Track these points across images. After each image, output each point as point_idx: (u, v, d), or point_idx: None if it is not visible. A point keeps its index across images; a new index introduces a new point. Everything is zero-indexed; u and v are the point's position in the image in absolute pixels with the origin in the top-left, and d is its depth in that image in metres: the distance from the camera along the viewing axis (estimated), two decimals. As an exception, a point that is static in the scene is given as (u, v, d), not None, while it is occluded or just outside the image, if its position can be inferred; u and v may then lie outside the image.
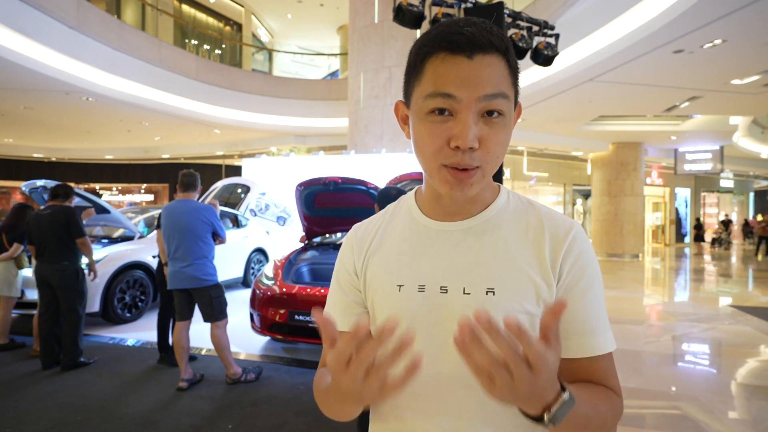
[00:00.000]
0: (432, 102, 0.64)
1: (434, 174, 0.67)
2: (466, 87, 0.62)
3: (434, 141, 0.64)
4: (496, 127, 0.64)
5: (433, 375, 0.70)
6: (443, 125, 0.64)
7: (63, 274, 3.83)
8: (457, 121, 0.63)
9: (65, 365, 3.79)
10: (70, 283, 3.85)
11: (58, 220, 3.83)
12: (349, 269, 0.81)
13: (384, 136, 6.77)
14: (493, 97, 0.62)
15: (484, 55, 0.62)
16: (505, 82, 0.64)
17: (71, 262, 3.88)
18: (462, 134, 0.62)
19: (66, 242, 3.85)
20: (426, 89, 0.65)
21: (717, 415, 3.08)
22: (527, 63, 4.35)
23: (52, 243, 3.81)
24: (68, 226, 3.84)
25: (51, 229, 3.81)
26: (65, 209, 3.90)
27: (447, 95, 0.62)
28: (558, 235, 0.70)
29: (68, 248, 3.86)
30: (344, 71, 14.89)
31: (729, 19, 5.05)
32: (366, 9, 6.89)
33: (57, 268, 3.82)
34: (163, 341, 3.97)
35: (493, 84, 0.62)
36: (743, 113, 10.25)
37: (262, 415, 2.98)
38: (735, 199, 24.60)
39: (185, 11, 14.46)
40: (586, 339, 0.69)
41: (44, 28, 6.74)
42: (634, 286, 8.71)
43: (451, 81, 0.62)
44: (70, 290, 3.86)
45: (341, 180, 4.08)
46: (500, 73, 0.64)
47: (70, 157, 17.55)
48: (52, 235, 3.81)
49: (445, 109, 0.63)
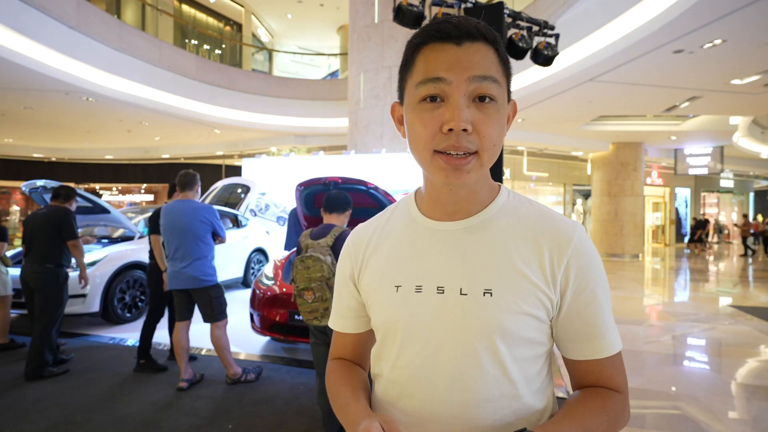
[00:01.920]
0: (423, 89, 0.64)
1: (429, 163, 0.67)
2: (455, 69, 0.63)
3: (427, 128, 0.65)
4: (488, 112, 0.64)
5: (429, 375, 0.70)
6: (435, 112, 0.64)
7: (42, 277, 3.65)
8: (449, 105, 0.63)
9: (27, 374, 3.55)
10: (47, 287, 3.65)
11: (50, 220, 3.70)
12: (346, 274, 0.83)
13: (384, 136, 6.77)
14: (482, 79, 0.63)
15: (473, 42, 0.64)
16: (495, 69, 0.65)
17: (55, 265, 3.69)
18: (454, 116, 0.62)
19: (55, 243, 3.69)
20: (417, 78, 0.66)
21: (717, 415, 3.07)
22: (527, 63, 4.35)
23: (41, 243, 3.67)
24: (60, 227, 3.69)
25: (42, 229, 3.68)
26: (60, 210, 3.76)
27: (437, 79, 0.63)
28: (560, 242, 0.69)
29: (56, 250, 3.70)
30: (344, 71, 14.89)
31: (729, 19, 5.05)
32: (366, 9, 6.88)
33: (38, 270, 3.65)
34: (145, 347, 3.79)
35: (482, 67, 0.63)
36: (743, 113, 10.24)
37: (262, 415, 2.98)
38: (735, 199, 24.59)
39: (185, 11, 14.46)
40: (594, 342, 0.69)
41: (44, 28, 6.74)
42: (634, 286, 8.71)
43: (441, 66, 0.63)
44: (46, 294, 3.66)
45: (341, 180, 4.08)
46: (490, 60, 0.65)
47: (70, 157, 17.56)
48: (41, 234, 3.67)
49: (436, 96, 0.64)
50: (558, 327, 0.71)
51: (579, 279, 0.69)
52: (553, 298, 0.69)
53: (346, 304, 0.84)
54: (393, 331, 0.74)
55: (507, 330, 0.67)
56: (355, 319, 0.84)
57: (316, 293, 2.39)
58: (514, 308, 0.67)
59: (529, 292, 0.68)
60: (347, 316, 0.84)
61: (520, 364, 0.69)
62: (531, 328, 0.69)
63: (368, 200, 4.22)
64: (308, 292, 2.41)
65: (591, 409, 0.68)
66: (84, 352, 4.15)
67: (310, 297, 2.41)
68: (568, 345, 0.72)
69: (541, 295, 0.68)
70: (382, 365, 0.77)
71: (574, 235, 0.70)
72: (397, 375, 0.74)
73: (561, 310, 0.70)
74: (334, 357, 0.89)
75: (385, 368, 0.76)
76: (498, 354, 0.67)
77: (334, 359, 0.88)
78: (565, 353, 0.73)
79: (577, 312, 0.69)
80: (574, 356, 0.71)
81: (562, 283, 0.68)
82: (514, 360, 0.68)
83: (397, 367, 0.74)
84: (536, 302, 0.68)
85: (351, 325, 0.84)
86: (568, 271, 0.68)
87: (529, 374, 0.70)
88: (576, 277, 0.68)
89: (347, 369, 0.85)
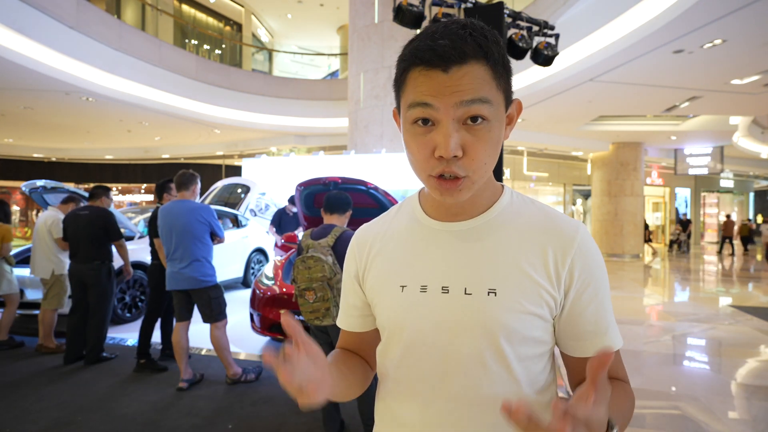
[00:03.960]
0: (414, 111, 0.65)
1: (425, 182, 0.69)
2: (441, 96, 0.62)
3: (420, 152, 0.65)
4: (479, 134, 0.63)
5: (434, 375, 0.71)
6: (426, 136, 0.64)
7: (96, 273, 4.00)
8: (438, 130, 0.63)
9: (89, 359, 3.95)
10: (102, 282, 4.02)
11: (95, 222, 3.99)
12: (351, 274, 0.85)
13: (384, 136, 6.76)
14: (471, 103, 0.62)
15: (460, 66, 0.62)
16: (486, 87, 0.63)
17: (103, 261, 4.05)
18: (443, 143, 0.62)
19: (102, 243, 4.03)
20: (408, 99, 0.66)
21: (717, 415, 3.08)
22: (527, 63, 4.34)
23: (87, 243, 3.97)
24: (106, 228, 4.02)
25: (87, 230, 3.97)
26: (103, 212, 4.07)
27: (425, 104, 0.63)
28: (563, 240, 0.70)
29: (103, 249, 4.04)
30: (344, 71, 14.89)
31: (729, 19, 5.05)
32: (366, 9, 6.88)
33: (91, 267, 3.98)
34: (144, 347, 3.82)
35: (471, 91, 0.62)
36: (743, 113, 10.25)
37: (262, 415, 2.98)
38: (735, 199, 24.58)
39: (185, 11, 14.47)
40: (599, 339, 0.71)
41: (44, 28, 6.74)
42: (634, 285, 8.72)
43: (428, 92, 0.63)
44: (101, 289, 4.02)
45: (341, 180, 4.08)
46: (480, 80, 0.62)
47: (70, 157, 17.56)
48: (87, 235, 3.97)
49: (427, 119, 0.64)
50: (561, 325, 0.72)
51: (582, 277, 0.70)
52: (557, 297, 0.70)
53: (351, 304, 0.85)
54: (398, 330, 0.75)
55: (511, 329, 0.68)
56: (360, 318, 0.85)
57: (318, 293, 2.39)
58: (518, 308, 0.68)
59: (533, 291, 0.68)
60: (353, 315, 0.85)
61: (524, 363, 0.70)
62: (535, 327, 0.69)
63: (368, 200, 4.22)
64: (309, 292, 2.41)
65: (620, 399, 0.69)
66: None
67: (312, 297, 2.41)
68: (571, 343, 0.72)
69: (545, 294, 0.69)
70: (388, 364, 0.78)
71: (578, 234, 0.71)
72: (403, 374, 0.74)
73: (564, 309, 0.71)
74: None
75: (390, 367, 0.77)
76: (502, 353, 0.68)
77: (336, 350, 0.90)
78: (568, 351, 0.73)
79: (580, 310, 0.70)
80: (577, 354, 0.72)
81: (566, 281, 0.69)
82: (519, 359, 0.69)
83: (403, 366, 0.74)
84: (540, 301, 0.69)
85: (357, 323, 0.86)
86: (572, 270, 0.69)
87: (532, 373, 0.71)
88: (580, 275, 0.69)
89: (342, 353, 0.86)
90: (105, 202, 4.19)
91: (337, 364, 0.80)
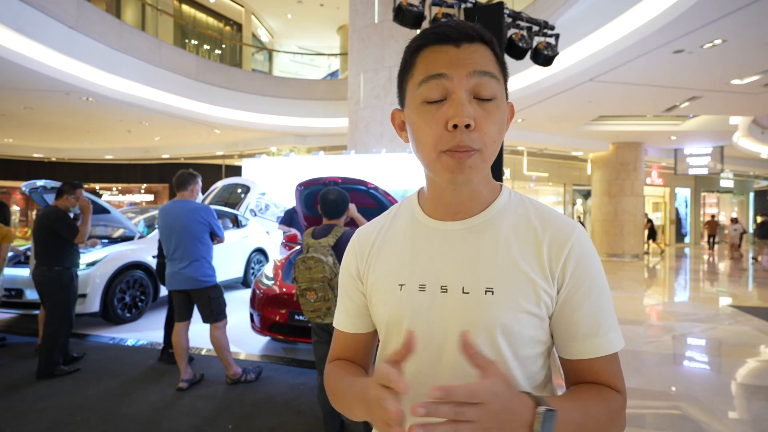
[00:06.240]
0: (425, 87, 0.67)
1: (435, 164, 0.68)
2: (455, 66, 0.65)
3: (432, 127, 0.66)
4: (489, 110, 0.66)
5: (432, 373, 0.71)
6: (438, 111, 0.66)
7: (46, 279, 3.64)
8: (451, 101, 0.65)
9: (38, 373, 3.60)
10: (52, 288, 3.64)
11: (43, 224, 3.64)
12: (352, 273, 0.84)
13: (384, 136, 6.77)
14: (482, 74, 0.65)
15: (470, 44, 0.67)
16: (493, 66, 0.68)
17: (61, 266, 3.66)
18: (458, 112, 0.64)
19: (54, 244, 3.63)
20: (418, 77, 0.68)
21: (717, 415, 3.08)
22: (527, 63, 4.34)
23: (40, 247, 3.66)
24: (52, 229, 3.61)
25: (37, 233, 3.66)
26: (52, 212, 3.66)
27: (439, 75, 0.66)
28: (558, 239, 0.70)
29: (57, 251, 3.64)
30: (344, 71, 14.89)
31: (729, 19, 5.05)
32: (366, 9, 6.89)
33: (42, 272, 3.65)
34: (170, 339, 3.94)
35: (481, 64, 0.66)
36: (743, 113, 10.24)
37: (262, 415, 2.98)
38: (735, 199, 24.59)
39: (185, 11, 14.47)
40: (589, 341, 0.70)
41: (44, 28, 6.74)
42: (634, 285, 8.72)
43: (441, 63, 0.66)
44: (52, 296, 3.65)
45: (341, 180, 4.08)
46: (488, 58, 0.67)
47: (70, 157, 17.56)
48: (37, 239, 3.66)
49: (438, 99, 0.66)
50: (554, 324, 0.72)
51: (576, 276, 0.69)
52: (552, 294, 0.70)
53: (349, 303, 0.85)
54: (396, 329, 0.75)
55: (508, 328, 0.68)
56: (357, 317, 0.84)
57: (319, 293, 2.41)
58: (515, 306, 0.68)
59: (531, 290, 0.69)
60: (350, 315, 0.85)
61: (522, 361, 0.70)
62: (532, 325, 0.69)
63: (368, 200, 4.22)
64: (310, 292, 2.42)
65: (591, 396, 0.68)
66: (84, 352, 4.15)
67: (313, 297, 2.42)
68: (565, 344, 0.72)
69: (541, 293, 0.69)
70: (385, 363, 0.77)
71: (573, 233, 0.71)
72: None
73: (557, 305, 0.70)
74: (333, 359, 0.87)
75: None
76: (500, 352, 0.68)
77: (332, 361, 0.87)
78: (563, 353, 0.73)
79: (572, 309, 0.70)
80: (570, 355, 0.71)
81: (560, 278, 0.69)
82: (516, 358, 0.69)
83: None
84: (537, 300, 0.69)
85: (355, 323, 0.85)
86: (565, 268, 0.69)
87: (530, 372, 0.71)
88: (573, 273, 0.69)
89: (347, 365, 0.85)
90: (69, 200, 3.73)
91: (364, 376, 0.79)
